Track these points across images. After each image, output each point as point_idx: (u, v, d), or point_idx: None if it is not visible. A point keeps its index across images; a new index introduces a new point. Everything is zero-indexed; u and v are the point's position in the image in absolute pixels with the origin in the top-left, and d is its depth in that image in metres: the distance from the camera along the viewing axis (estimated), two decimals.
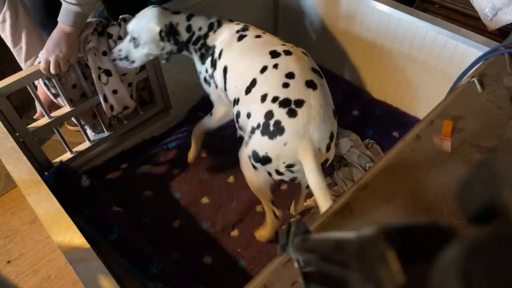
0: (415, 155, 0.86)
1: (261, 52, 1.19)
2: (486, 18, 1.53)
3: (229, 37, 1.28)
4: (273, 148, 1.07)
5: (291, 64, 1.13)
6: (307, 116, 1.04)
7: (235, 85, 1.23)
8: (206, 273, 1.40)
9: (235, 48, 1.26)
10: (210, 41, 1.32)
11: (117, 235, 1.35)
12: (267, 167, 1.11)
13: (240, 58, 1.23)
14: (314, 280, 0.37)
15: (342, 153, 1.72)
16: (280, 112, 1.05)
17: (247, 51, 1.23)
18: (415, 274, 0.23)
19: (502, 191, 0.23)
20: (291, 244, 0.43)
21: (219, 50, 1.29)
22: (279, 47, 1.20)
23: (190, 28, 1.31)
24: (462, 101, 0.98)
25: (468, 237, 0.22)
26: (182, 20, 1.30)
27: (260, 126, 1.09)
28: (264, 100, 1.09)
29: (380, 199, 0.77)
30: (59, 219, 0.93)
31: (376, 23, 1.62)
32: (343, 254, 0.29)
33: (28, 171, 1.05)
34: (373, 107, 1.83)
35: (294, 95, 1.07)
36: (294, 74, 1.11)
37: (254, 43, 1.25)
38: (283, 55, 1.16)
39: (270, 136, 1.06)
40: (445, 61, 1.47)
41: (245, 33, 1.28)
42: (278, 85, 1.09)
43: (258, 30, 1.31)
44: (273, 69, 1.13)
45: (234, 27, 1.31)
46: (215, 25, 1.32)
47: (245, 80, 1.18)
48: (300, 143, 1.04)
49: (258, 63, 1.17)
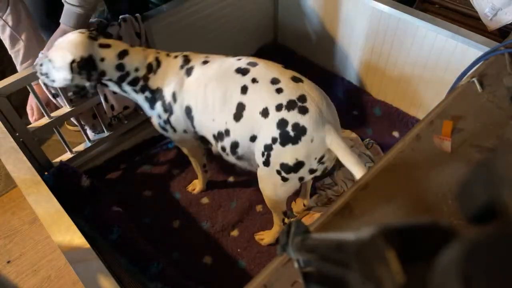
0: (415, 155, 0.86)
1: (228, 76, 1.13)
2: (486, 18, 1.53)
3: (176, 76, 1.19)
4: (301, 151, 1.05)
5: (266, 72, 1.10)
6: (315, 106, 1.04)
7: (213, 119, 1.16)
8: (206, 273, 1.40)
9: (192, 84, 1.17)
10: (153, 84, 1.21)
11: (117, 235, 1.35)
12: (300, 172, 1.09)
13: (207, 91, 1.15)
14: (314, 280, 0.37)
15: None
16: (292, 115, 1.03)
17: (210, 82, 1.15)
18: (415, 274, 0.23)
19: (502, 191, 0.23)
20: (291, 244, 0.43)
21: (171, 93, 1.20)
22: (238, 63, 1.15)
23: (122, 67, 1.19)
24: (462, 101, 0.98)
25: (468, 237, 0.22)
26: (111, 57, 1.17)
27: (277, 139, 1.05)
28: (267, 115, 1.06)
29: (380, 199, 0.77)
30: (59, 219, 0.93)
31: (376, 23, 1.62)
32: (343, 254, 0.29)
33: (28, 171, 1.05)
34: (373, 107, 1.83)
35: (293, 94, 1.05)
36: (278, 78, 1.08)
37: (210, 71, 1.16)
38: (251, 68, 1.12)
39: (294, 141, 1.04)
40: (445, 61, 1.47)
41: (190, 65, 1.19)
42: (272, 94, 1.06)
43: (199, 56, 1.22)
44: (254, 84, 1.09)
45: (174, 62, 1.21)
46: (154, 66, 1.21)
47: (227, 109, 1.12)
48: (324, 131, 1.04)
49: (233, 87, 1.11)
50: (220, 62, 1.17)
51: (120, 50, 1.19)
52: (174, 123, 1.25)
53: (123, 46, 1.21)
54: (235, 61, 1.16)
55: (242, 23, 1.89)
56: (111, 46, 1.19)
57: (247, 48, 2.02)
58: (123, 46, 1.21)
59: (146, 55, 1.21)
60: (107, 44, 1.18)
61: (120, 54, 1.18)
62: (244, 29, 1.93)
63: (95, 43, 1.17)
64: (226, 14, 1.78)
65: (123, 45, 1.21)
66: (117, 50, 1.18)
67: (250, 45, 2.03)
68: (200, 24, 1.70)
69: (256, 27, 1.99)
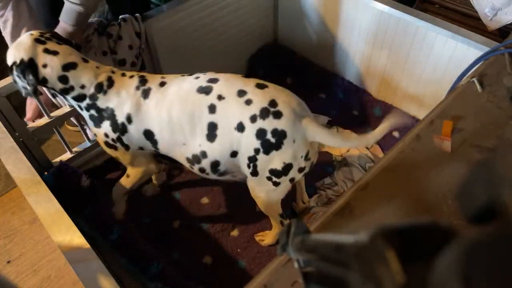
0: (415, 155, 0.86)
1: (191, 98, 1.08)
2: (486, 18, 1.53)
3: (131, 97, 1.13)
4: (287, 153, 1.05)
5: (229, 86, 1.08)
6: (287, 106, 1.04)
7: (183, 143, 1.12)
8: (206, 273, 1.40)
9: (151, 108, 1.12)
10: (102, 103, 1.14)
11: (117, 235, 1.34)
12: (290, 174, 1.09)
13: (171, 116, 1.10)
14: (314, 280, 0.37)
15: (342, 153, 1.72)
16: (269, 122, 1.03)
17: (173, 106, 1.09)
18: (415, 274, 0.23)
19: (502, 191, 0.23)
20: (291, 244, 0.43)
21: (125, 114, 1.13)
22: (198, 82, 1.11)
23: (65, 80, 1.11)
24: (462, 101, 0.98)
25: (468, 237, 0.22)
26: (55, 66, 1.09)
27: (259, 149, 1.05)
28: (243, 129, 1.04)
29: (380, 199, 0.77)
30: (59, 219, 0.93)
31: (376, 23, 1.62)
32: (343, 254, 0.29)
33: (28, 171, 1.05)
34: (373, 107, 1.83)
35: (264, 102, 1.04)
36: (243, 89, 1.06)
37: (170, 94, 1.11)
38: (213, 85, 1.08)
39: (277, 147, 1.04)
40: (445, 61, 1.47)
41: (147, 86, 1.13)
42: (242, 107, 1.04)
43: (155, 76, 1.17)
44: (221, 100, 1.06)
45: (129, 82, 1.14)
46: (104, 86, 1.13)
47: (199, 132, 1.09)
48: (302, 127, 1.04)
49: (200, 108, 1.07)
50: (179, 83, 1.12)
51: (67, 61, 1.10)
52: (127, 142, 1.18)
53: (74, 58, 1.12)
54: (194, 80, 1.11)
55: (242, 23, 1.89)
56: (59, 54, 1.10)
57: (247, 48, 2.02)
58: (74, 58, 1.12)
59: (98, 73, 1.13)
60: (55, 50, 1.09)
61: (67, 65, 1.10)
62: (244, 29, 1.93)
63: (40, 47, 1.08)
64: (226, 14, 1.78)
65: (74, 57, 1.12)
66: (64, 60, 1.10)
67: (250, 45, 2.03)
68: (200, 24, 1.70)
69: (256, 27, 1.99)
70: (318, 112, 1.88)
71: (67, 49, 1.12)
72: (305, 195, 1.51)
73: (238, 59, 2.02)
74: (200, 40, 1.74)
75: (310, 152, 1.10)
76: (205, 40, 1.77)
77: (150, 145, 1.18)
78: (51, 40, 1.12)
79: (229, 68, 1.99)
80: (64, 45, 1.13)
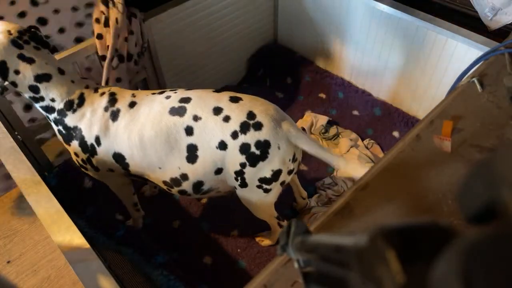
0: (415, 155, 0.86)
1: (164, 121, 1.03)
2: (486, 18, 1.53)
3: (99, 119, 1.07)
4: (275, 161, 1.04)
5: (203, 104, 1.04)
6: (265, 115, 1.02)
7: (159, 167, 1.08)
8: (206, 273, 1.40)
9: (121, 132, 1.06)
10: (70, 122, 1.09)
11: (123, 231, 1.37)
12: (280, 179, 1.09)
13: (143, 141, 1.05)
14: (314, 280, 0.37)
15: (342, 153, 1.72)
16: (251, 136, 1.01)
17: (145, 130, 1.04)
18: (415, 274, 0.23)
19: (502, 191, 0.23)
20: (291, 244, 0.43)
21: (93, 136, 1.09)
22: (170, 102, 1.05)
23: (36, 90, 1.06)
24: (462, 101, 0.98)
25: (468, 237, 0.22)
26: (27, 74, 1.04)
27: (245, 163, 1.03)
28: (226, 146, 1.02)
29: (380, 199, 0.77)
30: (59, 219, 0.93)
31: (376, 23, 1.62)
32: (343, 254, 0.29)
33: (28, 171, 1.05)
34: (373, 107, 1.83)
35: (242, 116, 1.01)
36: (218, 106, 1.03)
37: (140, 117, 1.06)
38: (186, 105, 1.04)
39: (263, 158, 1.03)
40: (445, 61, 1.47)
41: (116, 107, 1.07)
42: (221, 125, 1.01)
43: (126, 94, 1.10)
44: (198, 121, 1.02)
45: (98, 102, 1.09)
46: (74, 104, 1.08)
47: (177, 155, 1.05)
48: (284, 132, 1.03)
49: (175, 131, 1.03)
50: (149, 103, 1.07)
51: (42, 72, 1.05)
52: (96, 164, 1.14)
53: (49, 69, 1.06)
54: (165, 100, 1.06)
55: (242, 23, 1.89)
56: (35, 62, 1.04)
57: (247, 48, 2.02)
58: (49, 68, 1.06)
59: (71, 89, 1.08)
60: (30, 58, 1.03)
61: (40, 76, 1.05)
62: (244, 29, 1.93)
63: (16, 52, 1.02)
64: (226, 14, 1.78)
65: (50, 68, 1.06)
66: (39, 70, 1.04)
67: (250, 45, 2.03)
68: (200, 24, 1.70)
69: (256, 27, 1.99)
70: (318, 112, 1.88)
71: (44, 57, 1.05)
72: (302, 190, 1.50)
73: (238, 59, 2.02)
74: (200, 40, 1.74)
75: (296, 153, 1.09)
76: (205, 40, 1.77)
77: (121, 168, 1.13)
78: (29, 43, 1.04)
79: (229, 68, 2.00)
80: (42, 51, 1.06)
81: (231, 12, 1.80)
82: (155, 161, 1.07)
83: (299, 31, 1.99)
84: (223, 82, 2.01)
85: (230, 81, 2.05)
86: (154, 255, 1.36)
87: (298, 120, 1.86)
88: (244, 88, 2.02)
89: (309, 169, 1.67)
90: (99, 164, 1.14)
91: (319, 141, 1.78)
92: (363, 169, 0.89)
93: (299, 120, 1.86)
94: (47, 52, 1.08)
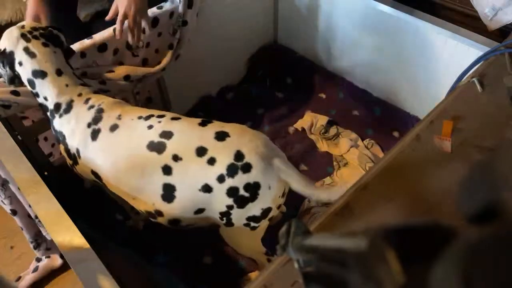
0: (415, 155, 0.86)
1: (140, 155, 0.97)
2: (486, 18, 1.53)
3: (81, 133, 1.05)
4: (264, 201, 0.97)
5: (186, 143, 0.96)
6: (255, 155, 0.94)
7: (133, 198, 1.03)
8: (206, 273, 1.40)
9: (97, 153, 1.04)
10: (58, 125, 1.09)
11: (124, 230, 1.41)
12: (269, 215, 1.02)
13: (117, 169, 1.01)
14: (314, 280, 0.37)
15: (342, 153, 1.72)
16: (239, 179, 0.92)
17: (119, 160, 1.00)
18: (415, 274, 0.23)
19: (502, 191, 0.23)
20: (291, 244, 0.43)
21: (75, 147, 1.07)
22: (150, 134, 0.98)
23: (32, 85, 1.08)
24: (462, 101, 0.98)
25: (468, 237, 0.22)
26: (27, 67, 1.07)
27: (233, 206, 0.95)
28: (211, 190, 0.94)
29: (380, 199, 0.77)
30: (59, 219, 0.93)
31: (376, 23, 1.62)
32: (343, 254, 0.29)
33: (28, 171, 1.05)
34: (373, 107, 1.83)
35: (229, 157, 0.92)
36: (202, 146, 0.94)
37: (117, 146, 1.01)
38: (167, 141, 0.96)
39: (252, 199, 0.95)
40: (445, 61, 1.47)
41: (98, 126, 1.04)
42: (205, 168, 0.92)
43: (112, 113, 1.05)
44: (178, 162, 0.94)
45: (83, 115, 1.06)
46: (61, 109, 1.08)
47: (151, 191, 0.98)
48: (274, 169, 0.95)
49: (151, 167, 0.96)
50: (130, 131, 1.01)
51: (39, 68, 1.06)
52: (80, 172, 1.13)
53: (47, 67, 1.07)
54: (146, 131, 0.99)
55: (242, 23, 1.89)
56: (36, 57, 1.06)
57: (247, 48, 2.02)
58: (47, 66, 1.07)
59: (62, 92, 1.08)
60: (33, 52, 1.06)
61: (36, 72, 1.07)
62: (244, 29, 1.93)
63: (23, 44, 1.06)
64: (226, 14, 1.78)
65: (48, 66, 1.07)
66: (37, 66, 1.06)
67: (250, 45, 2.03)
68: (200, 24, 1.70)
69: (256, 27, 1.99)
70: (318, 112, 1.88)
71: (47, 54, 1.08)
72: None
73: (238, 59, 2.02)
74: (200, 40, 1.74)
75: (286, 188, 1.01)
76: (205, 40, 1.76)
77: (102, 184, 1.10)
78: (38, 39, 1.08)
79: (229, 68, 1.99)
80: (48, 49, 1.08)
81: (231, 12, 1.80)
82: (129, 192, 1.03)
83: (299, 31, 1.99)
84: (223, 82, 2.02)
85: (230, 81, 2.05)
86: (154, 255, 1.36)
87: (298, 120, 1.86)
88: (244, 88, 2.02)
89: (309, 169, 1.67)
90: (83, 173, 1.12)
91: (319, 141, 1.78)
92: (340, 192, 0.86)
93: (299, 120, 1.86)
94: (54, 51, 1.10)
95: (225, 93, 2.00)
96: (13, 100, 1.20)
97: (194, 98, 1.91)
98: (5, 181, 1.23)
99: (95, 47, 1.32)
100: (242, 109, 1.91)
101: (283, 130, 1.82)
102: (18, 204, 1.31)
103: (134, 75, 1.40)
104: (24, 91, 1.21)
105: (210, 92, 1.97)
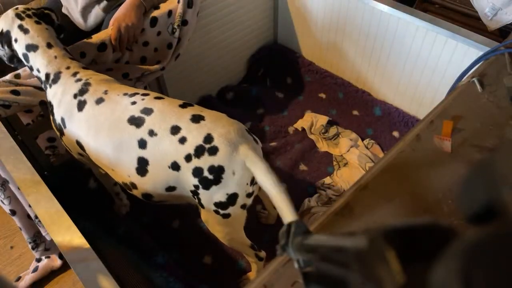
0: (415, 155, 0.86)
1: (120, 127, 1.02)
2: (486, 18, 1.53)
3: (67, 104, 1.09)
4: (228, 185, 0.98)
5: (163, 120, 0.99)
6: (223, 140, 0.96)
7: (112, 169, 1.07)
8: (206, 273, 1.40)
9: (82, 124, 1.07)
10: (49, 96, 1.14)
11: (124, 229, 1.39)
12: (238, 202, 1.02)
13: (98, 139, 1.05)
14: (314, 280, 0.37)
15: (342, 153, 1.72)
16: (204, 160, 0.95)
17: (101, 131, 1.04)
18: (415, 274, 0.23)
19: (502, 191, 0.23)
20: (291, 244, 0.43)
21: (60, 117, 1.11)
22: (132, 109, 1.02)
23: (27, 59, 1.15)
24: (462, 101, 0.98)
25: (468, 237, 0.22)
26: (21, 43, 1.14)
27: (198, 186, 0.98)
28: (179, 168, 0.97)
29: (380, 199, 0.77)
30: (59, 219, 0.93)
31: (376, 23, 1.62)
32: (343, 254, 0.29)
33: (28, 171, 1.05)
34: (373, 107, 1.83)
35: (198, 138, 0.96)
36: (177, 125, 0.98)
37: (101, 117, 1.05)
38: (146, 117, 1.00)
39: (216, 182, 0.97)
40: (445, 61, 1.47)
41: (84, 97, 1.08)
42: (176, 146, 0.97)
43: (99, 87, 1.09)
44: (153, 137, 0.98)
45: (70, 87, 1.10)
46: (50, 79, 1.13)
47: (127, 163, 1.02)
48: (240, 156, 0.96)
49: (128, 140, 1.00)
50: (114, 105, 1.05)
51: (31, 42, 1.13)
52: (67, 144, 1.17)
53: (38, 41, 1.13)
54: (129, 106, 1.04)
55: (242, 23, 1.89)
56: (29, 33, 1.13)
57: (247, 48, 2.02)
58: (39, 40, 1.13)
59: (51, 63, 1.13)
60: (26, 29, 1.14)
61: (29, 46, 1.13)
62: (244, 29, 1.93)
63: (17, 22, 1.14)
64: (226, 14, 1.78)
65: (40, 40, 1.14)
66: (29, 40, 1.13)
67: (250, 45, 2.03)
68: (200, 24, 1.70)
69: (256, 27, 1.99)
70: (318, 112, 1.89)
71: (39, 30, 1.15)
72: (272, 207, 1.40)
73: (238, 59, 2.02)
74: (200, 40, 1.74)
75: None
76: (205, 40, 1.77)
77: (87, 155, 1.13)
78: (31, 17, 1.16)
79: (229, 68, 2.00)
80: (40, 26, 1.16)
81: (231, 12, 1.80)
82: (107, 163, 1.07)
83: (299, 31, 1.99)
84: (223, 82, 2.02)
85: (230, 81, 2.05)
86: (154, 255, 1.36)
87: (298, 120, 1.86)
88: (244, 88, 2.02)
89: (309, 169, 1.67)
90: (69, 145, 1.16)
91: (319, 141, 1.78)
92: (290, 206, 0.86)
93: (299, 120, 1.86)
94: (46, 28, 1.17)
95: (225, 93, 2.00)
96: (13, 100, 1.20)
97: (194, 98, 1.91)
98: (5, 181, 1.23)
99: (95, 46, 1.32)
100: (242, 109, 1.91)
101: (283, 130, 1.82)
102: (17, 204, 1.31)
103: (133, 73, 1.41)
104: (24, 90, 1.22)
105: (210, 92, 1.97)
